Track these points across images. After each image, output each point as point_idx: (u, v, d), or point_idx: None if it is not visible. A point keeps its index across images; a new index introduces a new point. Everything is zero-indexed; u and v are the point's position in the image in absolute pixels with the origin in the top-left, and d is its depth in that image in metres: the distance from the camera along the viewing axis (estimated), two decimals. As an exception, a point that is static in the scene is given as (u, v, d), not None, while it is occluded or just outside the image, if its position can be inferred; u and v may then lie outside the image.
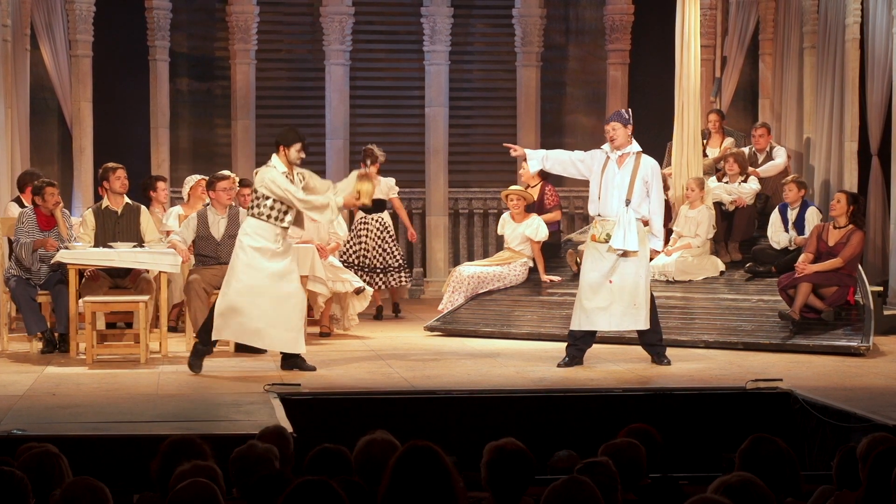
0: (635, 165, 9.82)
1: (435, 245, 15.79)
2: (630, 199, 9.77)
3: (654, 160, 10.05)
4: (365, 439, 4.72)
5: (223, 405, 8.22)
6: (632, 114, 10.02)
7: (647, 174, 9.82)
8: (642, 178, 9.80)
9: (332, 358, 10.46)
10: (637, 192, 9.78)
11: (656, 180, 9.92)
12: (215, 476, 4.37)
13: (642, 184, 9.79)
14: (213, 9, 15.72)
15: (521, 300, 12.25)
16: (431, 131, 15.83)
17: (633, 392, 8.81)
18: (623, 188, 9.77)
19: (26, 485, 4.11)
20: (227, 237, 10.84)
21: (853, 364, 10.03)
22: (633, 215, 9.76)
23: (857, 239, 10.94)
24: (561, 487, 3.88)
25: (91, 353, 9.97)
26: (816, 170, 13.46)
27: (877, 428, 7.08)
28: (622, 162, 9.83)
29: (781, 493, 4.56)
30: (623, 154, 9.84)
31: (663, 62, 13.09)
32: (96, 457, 6.81)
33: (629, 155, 9.85)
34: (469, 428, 8.23)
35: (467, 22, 16.09)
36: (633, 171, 9.80)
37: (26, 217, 10.69)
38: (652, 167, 9.90)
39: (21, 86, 13.42)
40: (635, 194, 9.77)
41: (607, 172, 9.84)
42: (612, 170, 9.83)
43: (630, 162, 9.83)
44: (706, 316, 11.46)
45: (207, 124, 15.82)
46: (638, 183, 9.78)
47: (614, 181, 9.79)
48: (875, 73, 12.83)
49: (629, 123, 9.88)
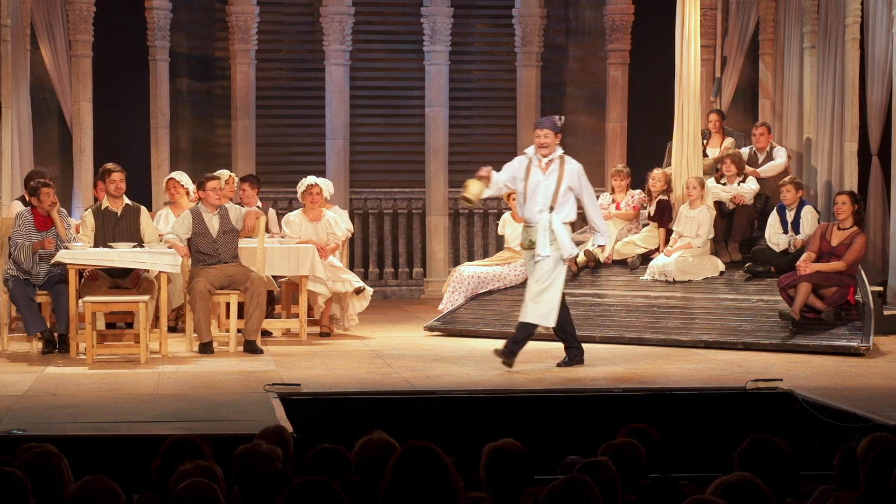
0: (560, 173, 9.70)
1: (435, 245, 15.79)
2: (554, 207, 9.68)
3: (578, 163, 9.88)
4: (362, 440, 4.72)
5: (223, 405, 8.22)
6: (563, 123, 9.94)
7: (572, 180, 9.71)
8: (567, 186, 9.70)
9: (332, 358, 10.46)
10: (561, 200, 9.69)
11: (584, 182, 9.78)
12: (215, 476, 4.38)
13: (567, 190, 9.70)
14: (213, 9, 15.73)
15: (521, 300, 12.22)
16: (431, 131, 15.84)
17: (633, 392, 8.81)
18: (547, 195, 9.68)
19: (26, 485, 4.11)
20: (221, 234, 10.85)
21: (853, 364, 10.03)
22: (557, 221, 9.68)
23: (860, 242, 10.94)
24: (560, 487, 3.88)
25: (91, 353, 9.97)
26: (817, 170, 13.46)
27: (877, 428, 7.07)
28: (547, 168, 9.72)
29: (781, 493, 4.56)
30: (549, 161, 9.74)
31: (663, 62, 13.09)
32: (96, 457, 6.81)
33: (553, 161, 9.74)
34: (469, 428, 8.23)
35: (467, 22, 16.09)
36: (558, 178, 9.69)
37: (23, 218, 10.68)
38: (577, 172, 9.76)
39: (21, 86, 13.41)
40: (559, 201, 9.68)
41: (531, 178, 9.74)
42: (537, 176, 9.72)
43: (555, 169, 9.72)
44: (706, 316, 11.46)
45: (207, 124, 15.82)
46: (563, 190, 9.68)
47: (538, 188, 9.70)
48: (875, 73, 12.83)
49: (560, 132, 9.81)
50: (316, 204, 11.97)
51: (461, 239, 15.98)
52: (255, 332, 10.74)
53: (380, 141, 16.09)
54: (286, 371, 9.67)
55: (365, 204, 15.78)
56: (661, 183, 12.47)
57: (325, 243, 11.83)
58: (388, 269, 15.84)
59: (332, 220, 12.03)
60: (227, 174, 12.24)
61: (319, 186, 12.01)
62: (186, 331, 10.98)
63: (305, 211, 12.03)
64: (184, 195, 12.00)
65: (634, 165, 13.92)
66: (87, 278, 10.63)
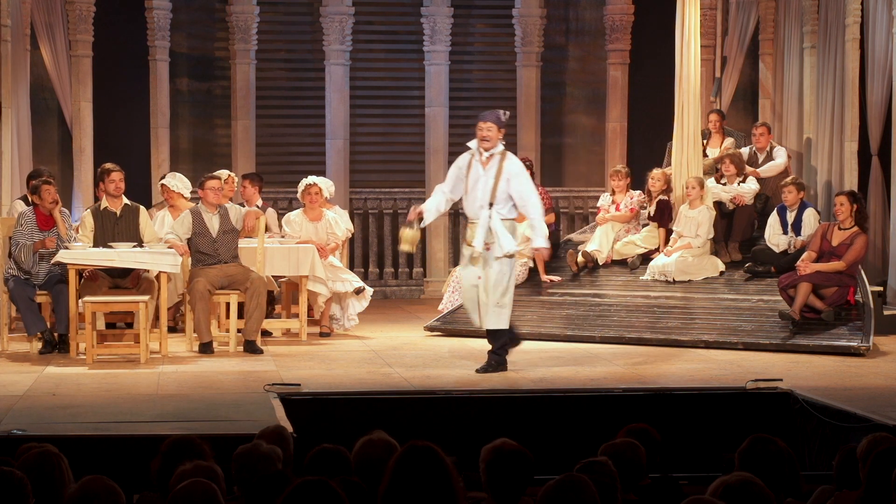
0: (499, 168, 9.53)
1: (435, 245, 15.79)
2: (493, 202, 9.52)
3: (519, 161, 9.75)
4: (362, 440, 4.72)
5: (223, 405, 8.22)
6: (507, 118, 9.77)
7: (510, 176, 9.52)
8: (506, 180, 9.52)
9: (332, 358, 10.46)
10: (500, 195, 9.51)
11: (523, 180, 9.57)
12: (215, 476, 4.37)
13: (506, 185, 9.52)
14: (213, 9, 15.73)
15: (521, 300, 12.23)
16: (431, 131, 15.84)
17: (633, 392, 8.81)
18: (486, 191, 9.51)
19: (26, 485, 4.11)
20: (221, 233, 10.86)
21: (853, 364, 10.03)
22: (497, 217, 9.51)
23: (860, 243, 10.94)
24: (557, 486, 3.88)
25: (91, 353, 9.97)
26: (817, 170, 13.46)
27: (877, 428, 7.08)
28: (487, 163, 9.56)
29: (781, 493, 4.56)
30: (489, 155, 9.57)
31: (663, 62, 13.09)
32: (96, 457, 6.81)
33: (494, 156, 9.57)
34: (469, 428, 8.23)
35: (467, 22, 16.09)
36: (497, 173, 9.52)
37: (25, 218, 10.69)
38: (517, 167, 9.59)
39: (21, 86, 13.41)
40: (498, 197, 9.51)
41: (472, 174, 9.60)
42: (477, 171, 9.58)
43: (494, 164, 9.55)
44: (706, 316, 11.46)
45: (207, 124, 15.82)
46: (501, 185, 9.51)
47: (478, 184, 9.55)
48: (875, 73, 12.83)
49: (503, 127, 9.64)
50: (315, 204, 11.97)
51: (461, 239, 15.97)
52: (255, 332, 10.74)
53: (380, 141, 16.09)
54: (286, 371, 9.67)
55: (365, 204, 15.78)
56: (661, 183, 12.47)
57: (325, 243, 11.83)
58: (388, 269, 15.84)
59: (332, 220, 12.03)
60: (226, 174, 12.24)
61: (318, 186, 12.00)
62: (186, 331, 10.99)
63: (306, 211, 12.03)
64: (178, 197, 11.97)
65: (634, 165, 13.92)
66: (87, 278, 10.62)
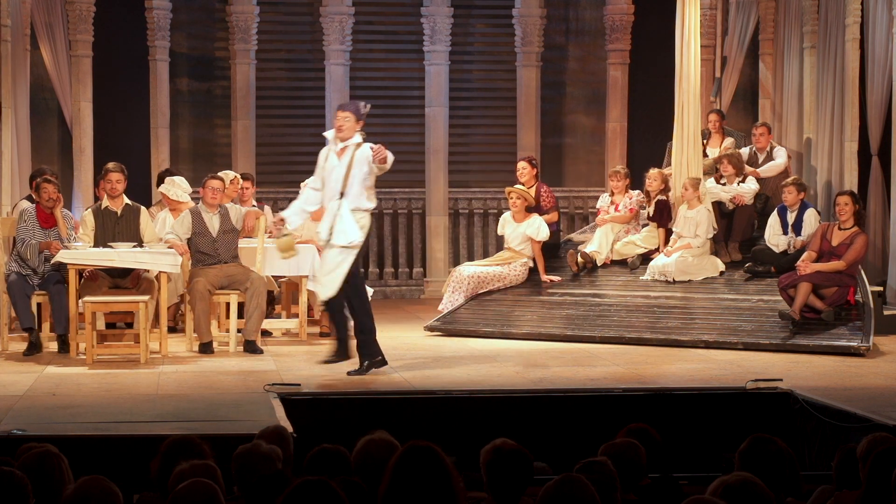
0: (352, 157, 9.52)
1: (435, 245, 15.79)
2: (344, 192, 9.49)
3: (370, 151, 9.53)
4: (364, 439, 4.72)
5: (223, 405, 8.22)
6: (368, 110, 9.69)
7: (360, 165, 9.48)
8: (360, 170, 9.49)
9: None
10: (351, 186, 9.48)
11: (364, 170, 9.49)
12: (215, 475, 4.38)
13: (359, 175, 9.49)
14: (213, 9, 15.73)
15: (521, 300, 12.26)
16: (431, 131, 15.84)
17: (633, 392, 8.81)
18: (338, 181, 9.50)
19: (26, 485, 4.11)
20: (221, 233, 10.86)
21: (853, 364, 10.03)
22: (346, 207, 9.47)
23: (860, 242, 10.94)
24: (556, 486, 3.88)
25: (91, 353, 9.96)
26: (817, 170, 13.46)
27: (877, 428, 7.07)
28: (342, 154, 9.56)
29: (781, 493, 4.56)
30: (344, 146, 9.55)
31: (663, 62, 13.09)
32: (96, 457, 6.80)
33: (348, 147, 9.54)
34: (469, 428, 8.22)
35: (467, 22, 16.09)
36: (349, 163, 9.51)
37: (27, 215, 10.71)
38: (365, 157, 9.50)
39: (21, 86, 13.41)
40: (349, 188, 9.48)
41: (328, 164, 9.62)
42: (332, 162, 9.59)
43: (348, 154, 9.53)
44: (706, 316, 11.46)
45: (207, 124, 15.82)
46: (353, 175, 9.49)
47: (332, 174, 9.55)
48: (875, 73, 12.83)
49: (362, 119, 9.60)
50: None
51: (461, 239, 15.98)
52: (255, 332, 10.74)
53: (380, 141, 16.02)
54: (286, 371, 9.67)
55: (365, 204, 15.77)
56: (658, 182, 12.47)
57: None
58: (388, 269, 15.84)
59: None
60: (232, 175, 12.24)
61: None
62: (186, 331, 10.98)
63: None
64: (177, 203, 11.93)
65: (634, 165, 13.93)
66: (87, 278, 10.63)
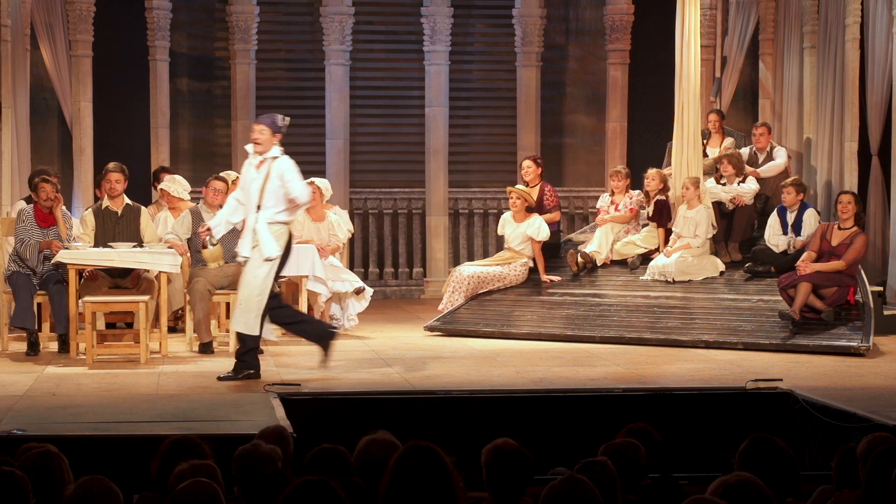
0: (269, 170, 9.42)
1: (435, 245, 15.79)
2: (261, 205, 9.40)
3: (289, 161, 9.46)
4: (366, 439, 4.72)
5: (223, 405, 8.22)
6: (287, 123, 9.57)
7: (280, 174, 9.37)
8: (276, 182, 9.38)
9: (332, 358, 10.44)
10: (268, 199, 9.37)
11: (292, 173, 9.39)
12: (215, 475, 4.38)
13: (274, 188, 9.37)
14: (213, 9, 15.73)
15: (521, 300, 12.26)
16: (431, 131, 15.84)
17: (633, 392, 8.81)
18: (255, 194, 9.42)
19: (26, 485, 4.11)
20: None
21: (853, 364, 10.03)
22: (263, 220, 9.38)
23: (860, 242, 10.94)
24: (559, 487, 3.88)
25: (91, 353, 9.96)
26: (817, 170, 13.46)
27: (877, 428, 7.08)
28: (259, 166, 9.46)
29: (781, 493, 4.56)
30: (262, 159, 9.45)
31: (663, 62, 13.09)
32: (96, 457, 6.81)
33: (266, 161, 9.43)
34: (469, 428, 8.23)
35: (467, 22, 16.09)
36: (266, 176, 9.41)
37: (25, 215, 10.71)
38: (283, 169, 9.39)
39: (21, 86, 13.41)
40: (266, 200, 9.38)
41: (247, 177, 9.54)
42: (251, 174, 9.50)
43: (265, 167, 9.43)
44: (706, 316, 11.46)
45: (207, 124, 15.82)
46: (269, 188, 9.38)
47: (251, 187, 9.47)
48: (875, 73, 12.83)
49: (279, 132, 9.47)
50: (315, 204, 11.96)
51: (461, 239, 15.99)
52: (254, 332, 10.72)
53: (380, 141, 16.09)
54: (286, 371, 9.67)
55: (365, 204, 15.79)
56: (656, 182, 12.47)
57: (325, 243, 11.83)
58: (388, 269, 15.85)
59: (335, 222, 12.03)
60: (234, 175, 12.23)
61: (316, 185, 11.99)
62: (186, 331, 10.98)
63: (308, 211, 12.01)
64: (178, 201, 11.95)
65: (634, 165, 13.92)
66: (87, 278, 10.63)
